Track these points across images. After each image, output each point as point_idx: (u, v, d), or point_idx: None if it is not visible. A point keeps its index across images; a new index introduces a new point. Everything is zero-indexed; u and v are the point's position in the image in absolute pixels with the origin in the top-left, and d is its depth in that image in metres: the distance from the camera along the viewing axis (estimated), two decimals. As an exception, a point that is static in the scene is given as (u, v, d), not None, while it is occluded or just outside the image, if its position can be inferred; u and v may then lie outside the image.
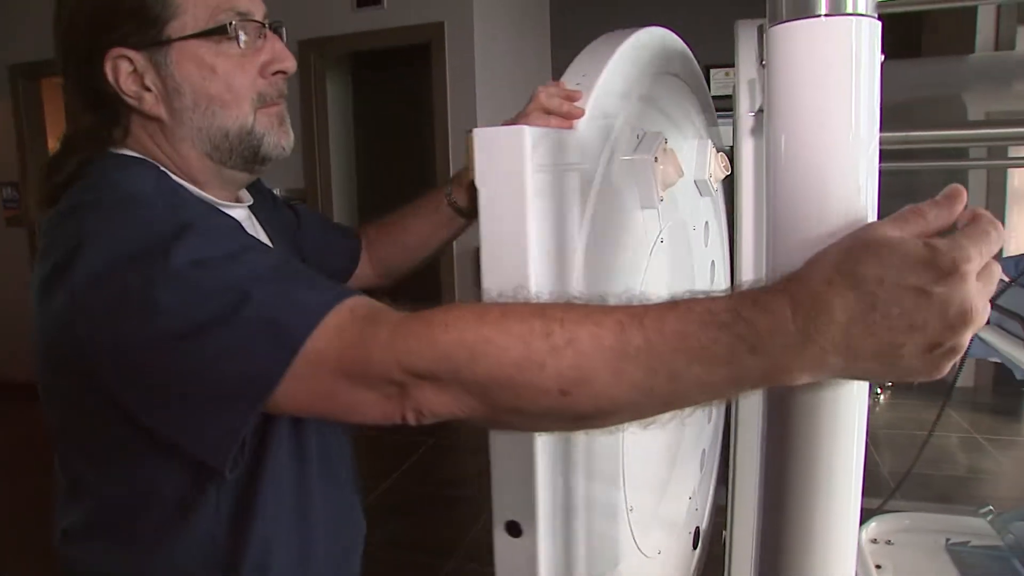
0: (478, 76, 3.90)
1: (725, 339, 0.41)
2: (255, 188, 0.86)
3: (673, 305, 0.44)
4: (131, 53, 0.67)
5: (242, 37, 0.69)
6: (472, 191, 0.69)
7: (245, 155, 0.73)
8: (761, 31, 0.79)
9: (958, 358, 0.40)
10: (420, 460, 3.35)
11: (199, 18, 0.68)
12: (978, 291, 0.38)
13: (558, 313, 0.46)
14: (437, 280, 4.08)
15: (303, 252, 0.93)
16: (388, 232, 1.02)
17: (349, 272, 1.01)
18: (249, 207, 0.82)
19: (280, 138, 0.74)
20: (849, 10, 0.42)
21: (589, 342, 0.44)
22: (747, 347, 0.41)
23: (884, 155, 0.55)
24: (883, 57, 0.45)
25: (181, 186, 0.72)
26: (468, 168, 0.63)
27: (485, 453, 0.59)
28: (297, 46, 4.13)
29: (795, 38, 0.44)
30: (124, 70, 0.68)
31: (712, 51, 1.88)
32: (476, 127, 0.55)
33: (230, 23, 0.68)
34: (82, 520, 0.73)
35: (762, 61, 0.73)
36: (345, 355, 0.51)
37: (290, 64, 0.74)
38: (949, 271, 0.38)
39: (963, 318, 0.38)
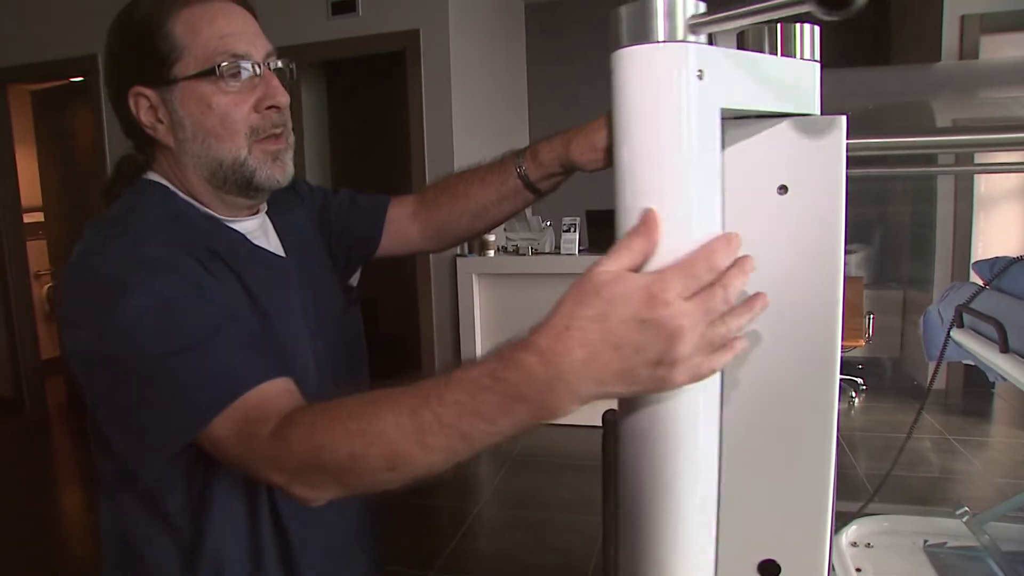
0: (453, 83, 3.90)
1: (492, 399, 0.51)
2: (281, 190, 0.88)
3: (449, 379, 0.54)
4: (147, 90, 0.78)
5: (232, 78, 0.77)
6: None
7: (239, 183, 0.80)
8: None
9: (694, 365, 0.47)
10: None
11: (199, 60, 0.76)
12: (686, 311, 0.46)
13: (368, 409, 0.59)
14: (414, 289, 4.06)
15: (332, 230, 1.00)
16: (449, 197, 1.00)
17: (375, 238, 1.02)
18: (267, 212, 0.90)
19: (274, 171, 0.81)
20: (680, 37, 0.46)
21: (394, 431, 0.56)
22: (512, 399, 0.50)
23: (855, 161, 0.56)
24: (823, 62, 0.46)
25: (189, 205, 0.82)
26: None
27: (466, 463, 0.61)
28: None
29: (633, 62, 0.47)
30: (143, 105, 0.78)
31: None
32: (453, 132, 0.53)
33: (220, 64, 0.76)
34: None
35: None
36: (239, 452, 0.65)
37: (282, 99, 0.80)
38: (654, 301, 0.46)
39: (673, 337, 0.46)
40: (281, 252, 0.89)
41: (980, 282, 1.13)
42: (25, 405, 4.49)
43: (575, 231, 3.85)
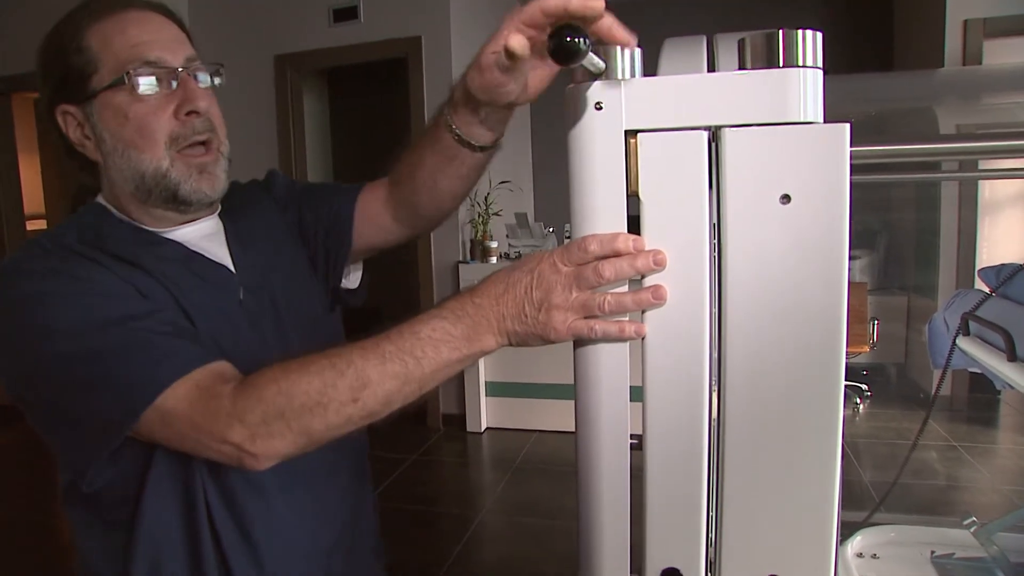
0: (456, 90, 3.89)
1: (439, 324, 0.64)
2: (234, 194, 0.86)
3: (409, 320, 0.66)
4: (71, 108, 0.77)
5: (144, 85, 0.74)
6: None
7: (164, 196, 0.78)
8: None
9: (568, 319, 0.59)
10: (401, 477, 3.31)
11: (112, 70, 0.74)
12: (560, 271, 0.60)
13: (335, 351, 0.66)
14: (417, 297, 4.05)
15: (304, 225, 0.96)
16: (405, 175, 0.92)
17: (346, 228, 0.94)
18: (225, 216, 0.87)
19: (200, 184, 0.79)
20: (619, 76, 0.55)
21: (360, 359, 0.65)
22: (451, 324, 0.64)
23: (858, 168, 0.55)
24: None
25: (120, 222, 0.81)
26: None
27: (467, 469, 0.63)
28: (273, 61, 4.11)
29: (565, 97, 0.57)
30: (71, 123, 0.78)
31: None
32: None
33: (130, 73, 0.74)
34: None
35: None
36: (195, 416, 0.66)
37: (200, 104, 0.77)
38: (540, 260, 0.62)
39: (548, 287, 0.60)
40: (227, 259, 0.84)
41: (986, 289, 1.12)
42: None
43: (577, 237, 3.84)
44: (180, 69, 0.77)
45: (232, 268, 0.84)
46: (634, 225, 0.56)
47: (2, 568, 2.71)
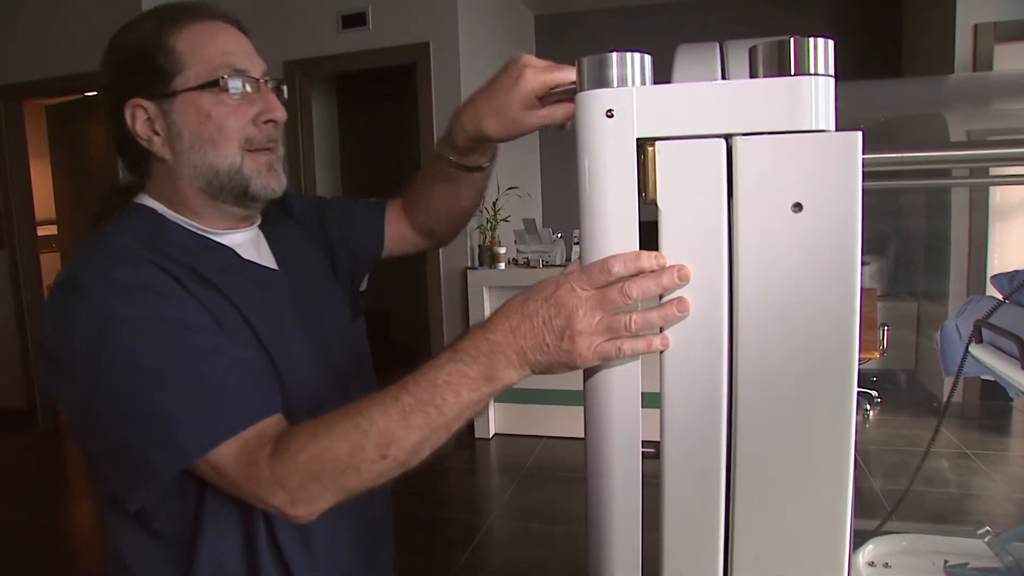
0: (464, 96, 3.90)
1: (454, 368, 0.64)
2: (273, 204, 0.89)
3: (421, 367, 0.66)
4: (145, 103, 0.79)
5: (233, 88, 0.79)
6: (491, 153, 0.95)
7: (235, 191, 0.82)
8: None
9: (596, 343, 0.58)
10: (410, 483, 3.31)
11: (200, 74, 0.79)
12: (582, 296, 0.59)
13: (357, 407, 0.67)
14: (426, 301, 4.05)
15: (331, 241, 1.03)
16: (417, 202, 1.05)
17: (377, 244, 1.05)
18: (261, 226, 0.91)
19: (269, 180, 0.83)
20: (629, 83, 0.55)
21: (382, 417, 0.65)
22: (467, 366, 0.63)
23: (869, 175, 0.55)
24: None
25: (176, 225, 0.83)
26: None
27: (475, 475, 0.64)
28: (283, 67, 4.13)
29: (577, 104, 0.56)
30: (140, 117, 0.80)
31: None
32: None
33: (223, 76, 0.79)
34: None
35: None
36: (239, 478, 0.68)
37: (279, 114, 0.83)
38: (558, 286, 0.60)
39: (570, 313, 0.59)
40: (274, 265, 0.89)
41: (999, 296, 1.11)
42: (38, 417, 4.52)
43: (586, 243, 3.84)
44: (261, 81, 0.83)
45: (281, 272, 0.90)
46: (646, 232, 0.56)
47: (9, 571, 2.72)
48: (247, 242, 0.88)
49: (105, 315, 0.69)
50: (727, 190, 0.53)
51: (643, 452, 0.58)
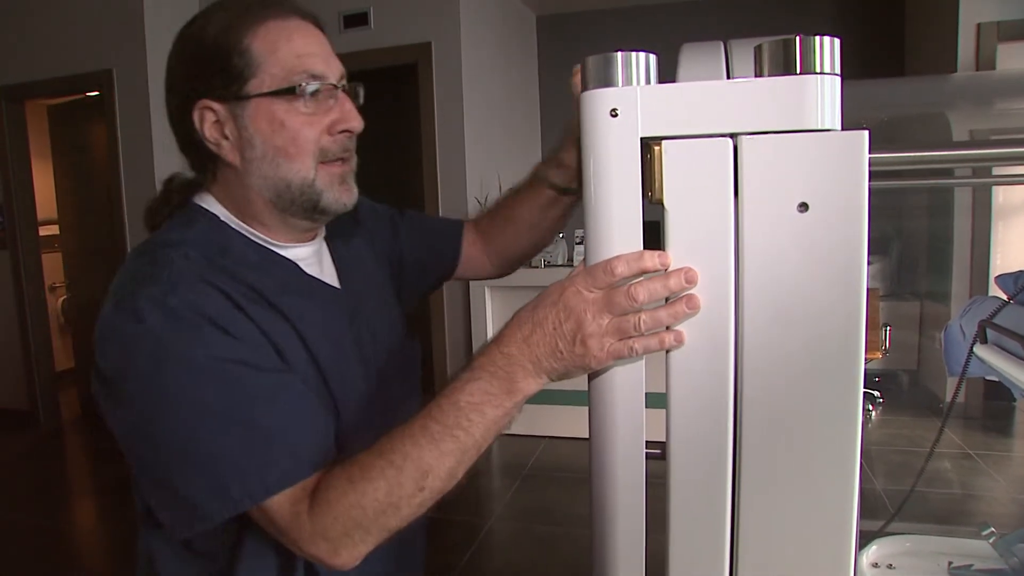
0: (465, 96, 3.90)
1: (474, 387, 0.64)
2: (344, 216, 0.84)
3: (442, 391, 0.65)
4: (215, 105, 0.74)
5: (310, 97, 0.74)
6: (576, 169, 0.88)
7: (305, 206, 0.78)
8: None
9: (608, 344, 0.58)
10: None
11: (275, 78, 0.74)
12: (589, 299, 0.59)
13: (388, 444, 0.66)
14: (427, 301, 4.05)
15: (402, 257, 1.00)
16: (502, 222, 1.02)
17: (451, 264, 1.04)
18: (326, 238, 0.88)
19: (341, 194, 0.79)
20: (634, 83, 0.55)
21: (414, 449, 0.65)
22: (486, 382, 0.63)
23: (872, 175, 0.54)
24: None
25: (239, 235, 0.78)
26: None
27: (476, 475, 0.64)
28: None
29: (582, 103, 0.56)
30: (209, 119, 0.75)
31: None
32: (465, 145, 0.57)
33: (300, 84, 0.74)
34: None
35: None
36: (283, 526, 0.66)
37: (356, 124, 0.79)
38: (564, 290, 0.60)
39: (579, 317, 0.59)
40: (336, 281, 0.86)
41: (1003, 296, 1.10)
42: (39, 417, 4.52)
43: (587, 243, 3.84)
44: (338, 86, 0.78)
45: (342, 291, 0.86)
46: (650, 231, 0.56)
47: (9, 572, 2.72)
48: (311, 256, 0.84)
49: (163, 348, 0.65)
50: (733, 189, 0.53)
51: (647, 453, 0.57)
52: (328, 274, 0.86)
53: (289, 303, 0.76)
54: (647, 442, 0.58)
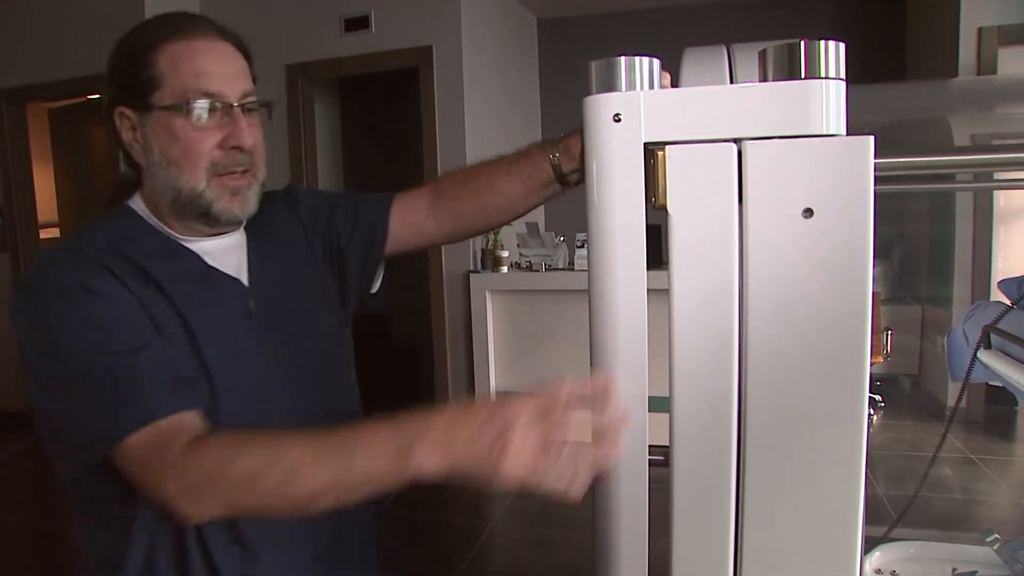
0: (466, 99, 3.91)
1: (379, 436, 0.65)
2: (260, 206, 0.90)
3: (364, 423, 0.67)
4: (128, 111, 0.83)
5: (200, 115, 0.81)
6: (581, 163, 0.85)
7: (195, 212, 0.84)
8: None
9: (525, 458, 0.58)
10: (412, 487, 3.30)
11: (174, 93, 0.81)
12: (523, 414, 0.59)
13: (285, 434, 0.70)
14: (428, 305, 4.05)
15: (339, 241, 1.01)
16: (471, 190, 0.97)
17: (383, 234, 1.00)
18: (251, 232, 0.93)
19: (231, 205, 0.85)
20: (637, 87, 0.55)
21: (300, 453, 0.67)
22: (390, 438, 0.64)
23: (877, 180, 0.54)
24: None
25: (150, 228, 0.87)
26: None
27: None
28: (285, 70, 4.13)
29: (585, 108, 0.56)
30: (125, 124, 0.84)
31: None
32: (466, 148, 0.57)
33: (189, 101, 0.80)
34: None
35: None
36: (145, 457, 0.72)
37: (246, 141, 0.84)
38: (509, 400, 0.61)
39: (508, 424, 0.59)
40: (243, 273, 0.90)
41: (1005, 301, 1.10)
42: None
43: (588, 246, 3.83)
44: (235, 105, 0.83)
45: (246, 282, 0.90)
46: (653, 235, 0.56)
47: (9, 574, 2.72)
48: (218, 249, 0.89)
49: (42, 312, 0.76)
50: (737, 195, 0.52)
51: (650, 460, 0.57)
52: (235, 267, 0.90)
53: (178, 287, 0.83)
54: (650, 447, 0.57)
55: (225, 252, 0.90)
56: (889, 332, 3.45)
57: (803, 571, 0.55)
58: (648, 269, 0.56)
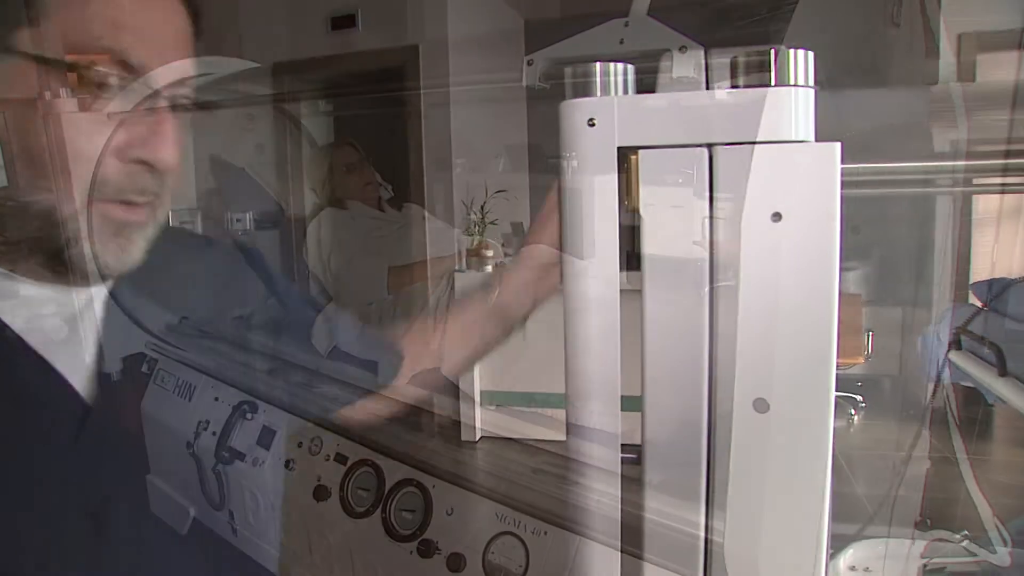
0: (452, 99, 3.91)
1: None
2: None
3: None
4: None
5: None
6: None
7: None
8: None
9: None
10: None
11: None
12: None
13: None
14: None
15: None
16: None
17: None
18: None
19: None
20: (612, 93, 0.56)
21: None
22: None
23: (852, 184, 0.56)
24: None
25: None
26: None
27: None
28: (271, 68, 4.11)
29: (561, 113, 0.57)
30: None
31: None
32: (452, 147, 0.58)
33: None
34: None
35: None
36: None
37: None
38: None
39: None
40: None
41: (978, 303, 1.12)
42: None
43: (573, 247, 3.85)
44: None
45: None
46: (627, 236, 0.56)
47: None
48: None
49: None
50: (708, 198, 0.53)
51: (623, 457, 0.58)
52: None
53: None
54: (623, 445, 0.58)
55: None
56: (870, 333, 3.50)
57: (770, 567, 0.56)
58: (629, 270, 0.57)
